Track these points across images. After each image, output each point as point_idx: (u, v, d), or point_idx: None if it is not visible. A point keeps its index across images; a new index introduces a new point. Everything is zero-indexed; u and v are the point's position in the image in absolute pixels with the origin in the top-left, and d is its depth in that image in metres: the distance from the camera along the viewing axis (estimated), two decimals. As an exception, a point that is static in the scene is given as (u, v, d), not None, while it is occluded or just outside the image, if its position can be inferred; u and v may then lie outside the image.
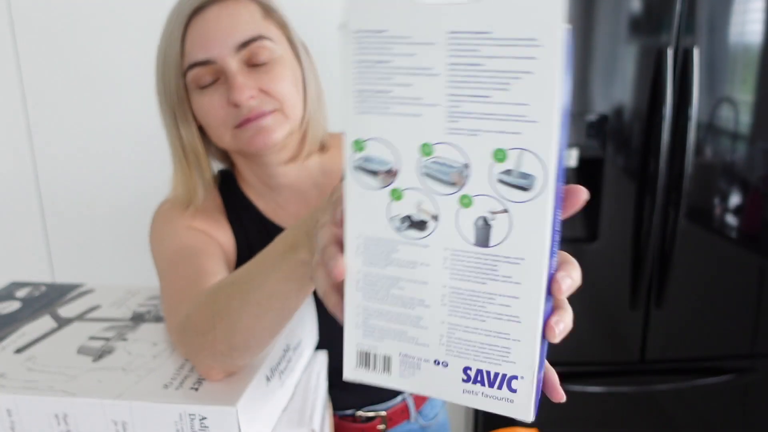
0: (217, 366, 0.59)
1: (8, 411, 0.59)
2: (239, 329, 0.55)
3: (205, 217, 0.80)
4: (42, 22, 1.46)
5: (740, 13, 1.49)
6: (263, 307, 0.53)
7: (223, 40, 0.69)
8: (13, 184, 1.56)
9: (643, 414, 1.75)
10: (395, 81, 0.36)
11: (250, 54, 0.71)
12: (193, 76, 0.71)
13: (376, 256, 0.40)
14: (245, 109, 0.70)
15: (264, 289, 0.52)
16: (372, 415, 0.89)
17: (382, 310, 0.41)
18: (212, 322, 0.57)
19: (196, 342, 0.59)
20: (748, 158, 1.59)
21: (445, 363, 0.40)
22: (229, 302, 0.56)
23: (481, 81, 0.34)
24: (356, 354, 0.43)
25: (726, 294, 1.68)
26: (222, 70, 0.70)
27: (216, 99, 0.71)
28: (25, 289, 0.87)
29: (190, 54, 0.70)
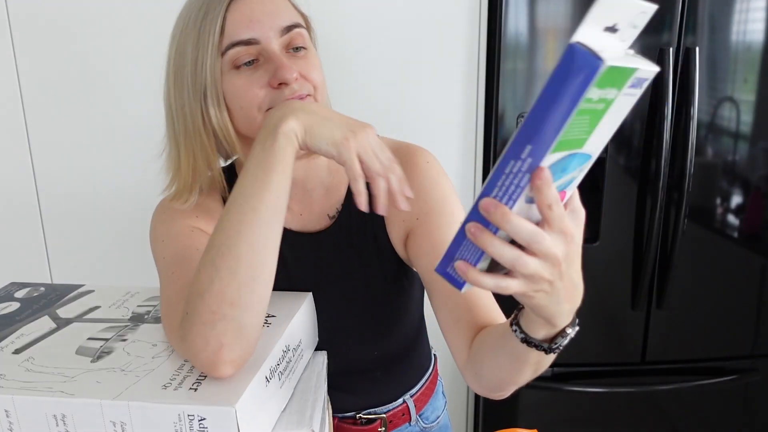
0: (226, 341, 0.59)
1: (6, 412, 0.58)
2: (242, 251, 0.59)
3: (207, 216, 0.79)
4: (39, 24, 1.46)
5: (742, 13, 1.49)
6: (258, 211, 0.60)
7: (268, 23, 0.70)
8: (12, 185, 1.55)
9: (643, 414, 1.75)
10: None
11: (290, 39, 0.72)
12: (233, 55, 0.70)
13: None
14: (288, 90, 0.70)
15: (256, 188, 0.60)
16: (372, 418, 0.89)
17: None
18: (215, 265, 0.60)
19: (198, 315, 0.60)
20: (749, 158, 1.59)
21: None
22: (227, 230, 0.60)
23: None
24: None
25: (727, 294, 1.67)
26: (265, 50, 0.70)
27: (254, 79, 0.70)
28: (24, 289, 0.87)
29: (231, 34, 0.69)
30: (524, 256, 0.45)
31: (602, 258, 1.63)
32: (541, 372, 0.63)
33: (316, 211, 0.83)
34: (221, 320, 0.59)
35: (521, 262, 0.45)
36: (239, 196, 0.61)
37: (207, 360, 0.60)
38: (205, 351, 0.60)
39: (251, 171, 0.61)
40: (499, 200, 0.43)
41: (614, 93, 0.41)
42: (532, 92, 1.53)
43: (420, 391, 0.92)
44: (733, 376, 1.71)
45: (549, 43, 1.50)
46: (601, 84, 0.39)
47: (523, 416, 1.73)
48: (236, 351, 0.60)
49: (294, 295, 0.79)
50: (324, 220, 0.83)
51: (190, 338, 0.60)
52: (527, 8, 1.47)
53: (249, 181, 0.61)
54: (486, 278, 0.46)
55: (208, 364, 0.60)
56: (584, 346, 1.69)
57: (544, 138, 0.40)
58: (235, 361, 0.61)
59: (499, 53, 1.49)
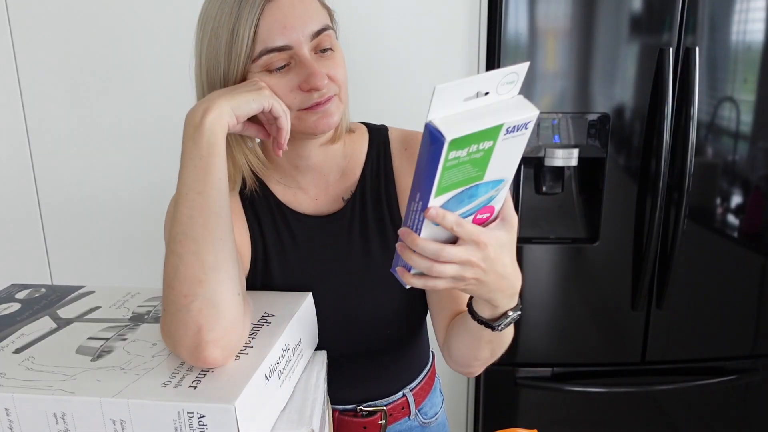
0: (203, 321, 0.62)
1: (6, 410, 0.59)
2: (198, 233, 0.64)
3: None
4: (39, 24, 1.46)
5: (741, 13, 1.49)
6: (205, 194, 0.65)
7: (299, 29, 0.72)
8: (12, 186, 1.56)
9: (643, 414, 1.75)
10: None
11: (319, 42, 0.74)
12: (267, 61, 0.72)
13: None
14: (317, 94, 0.73)
15: (198, 174, 0.65)
16: (373, 410, 0.90)
17: None
18: (176, 253, 0.64)
19: (172, 303, 0.63)
20: (749, 158, 1.59)
21: None
22: (180, 219, 0.65)
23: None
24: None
25: (727, 294, 1.67)
26: (296, 55, 0.73)
27: (285, 82, 0.73)
28: (25, 290, 0.87)
29: (266, 39, 0.72)
30: (437, 265, 0.58)
31: (602, 258, 1.63)
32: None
33: (331, 194, 0.86)
34: (193, 301, 0.62)
35: (436, 271, 0.58)
36: (183, 186, 0.66)
37: (190, 345, 0.62)
38: (186, 336, 0.62)
39: (189, 163, 0.67)
40: (411, 228, 0.58)
41: (490, 143, 0.52)
42: (531, 93, 1.53)
43: (419, 385, 0.95)
44: (733, 376, 1.71)
45: (549, 43, 1.50)
46: (460, 147, 0.50)
47: (523, 416, 1.73)
48: (216, 330, 0.62)
49: (294, 295, 0.79)
50: (338, 203, 0.86)
51: (172, 330, 0.63)
52: (527, 8, 1.47)
53: (189, 170, 0.66)
54: (416, 280, 0.61)
55: (192, 349, 0.62)
56: (584, 346, 1.69)
57: (424, 188, 0.53)
58: (218, 341, 0.62)
59: (499, 53, 1.49)
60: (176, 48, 1.48)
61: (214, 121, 0.67)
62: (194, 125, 0.67)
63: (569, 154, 1.52)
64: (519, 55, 1.50)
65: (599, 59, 1.51)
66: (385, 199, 0.86)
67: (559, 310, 1.66)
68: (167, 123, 1.52)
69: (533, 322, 1.67)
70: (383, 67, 1.52)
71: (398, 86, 1.54)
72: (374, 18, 1.50)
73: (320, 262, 0.84)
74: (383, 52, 1.51)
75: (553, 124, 1.54)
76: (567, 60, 1.51)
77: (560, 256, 1.63)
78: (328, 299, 0.83)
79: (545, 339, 1.68)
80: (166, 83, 1.51)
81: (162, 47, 1.49)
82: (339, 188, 0.86)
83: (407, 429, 0.94)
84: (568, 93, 1.53)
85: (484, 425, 1.75)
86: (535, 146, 1.53)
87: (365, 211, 0.86)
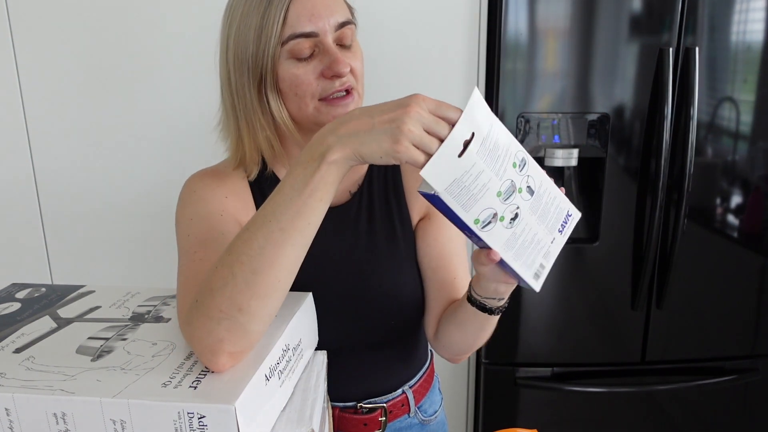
0: (228, 337, 0.61)
1: (7, 410, 0.59)
2: (261, 267, 0.60)
3: (235, 196, 0.84)
4: (39, 23, 1.46)
5: (741, 13, 1.49)
6: (287, 233, 0.60)
7: (327, 17, 0.76)
8: (12, 185, 1.56)
9: (643, 414, 1.75)
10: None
11: (342, 35, 0.78)
12: (294, 46, 0.75)
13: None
14: (338, 82, 0.77)
15: (290, 211, 0.60)
16: (373, 407, 0.91)
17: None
18: (231, 271, 0.61)
19: (206, 308, 0.62)
20: (749, 158, 1.59)
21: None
22: (251, 242, 0.61)
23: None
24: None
25: (727, 294, 1.67)
26: (321, 43, 0.76)
27: (309, 69, 0.76)
28: (26, 290, 0.87)
29: (294, 24, 0.75)
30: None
31: (602, 258, 1.63)
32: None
33: (340, 188, 0.86)
34: (227, 320, 0.61)
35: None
36: (270, 213, 0.61)
37: (207, 348, 0.62)
38: (207, 340, 0.62)
39: (287, 192, 0.60)
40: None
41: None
42: (532, 92, 1.53)
43: (418, 383, 0.96)
44: (733, 376, 1.71)
45: (549, 43, 1.50)
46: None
47: (523, 416, 1.73)
48: (236, 347, 0.62)
49: (294, 295, 0.79)
50: (345, 196, 0.89)
51: (196, 324, 0.63)
52: (527, 8, 1.47)
53: (283, 200, 0.60)
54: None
55: (208, 352, 0.62)
56: (584, 346, 1.69)
57: (460, 225, 0.63)
58: (234, 354, 0.62)
59: (499, 53, 1.49)
60: (178, 48, 1.48)
61: (336, 160, 0.59)
62: (312, 156, 0.60)
63: (569, 154, 1.52)
64: (519, 56, 1.50)
65: (599, 59, 1.51)
66: (393, 194, 0.89)
67: (559, 310, 1.66)
68: (168, 123, 1.53)
69: (533, 322, 1.67)
70: (383, 67, 1.52)
71: (398, 86, 1.54)
72: (374, 18, 1.50)
73: (326, 253, 0.85)
74: (383, 52, 1.51)
75: (553, 124, 1.54)
76: (567, 60, 1.51)
77: (560, 256, 1.62)
78: (333, 290, 0.84)
79: (545, 339, 1.68)
80: (166, 83, 1.51)
81: (163, 47, 1.49)
82: (347, 181, 0.89)
83: (407, 426, 0.95)
84: (568, 93, 1.53)
85: (484, 425, 1.75)
86: (535, 146, 1.53)
87: (372, 205, 0.88)
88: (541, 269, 0.68)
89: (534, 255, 0.67)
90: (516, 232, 0.64)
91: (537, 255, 0.67)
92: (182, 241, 0.79)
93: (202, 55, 1.02)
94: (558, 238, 0.69)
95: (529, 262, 0.67)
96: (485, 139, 0.60)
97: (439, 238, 0.89)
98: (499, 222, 0.63)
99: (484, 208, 0.61)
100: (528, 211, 0.65)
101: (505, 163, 0.62)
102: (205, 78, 1.01)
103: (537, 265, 0.67)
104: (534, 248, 0.67)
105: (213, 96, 0.87)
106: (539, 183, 0.65)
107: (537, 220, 0.66)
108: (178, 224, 0.81)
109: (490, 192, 0.61)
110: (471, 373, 1.78)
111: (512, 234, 0.64)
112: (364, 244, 0.87)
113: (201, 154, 0.98)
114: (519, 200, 0.64)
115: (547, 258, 0.68)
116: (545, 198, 0.66)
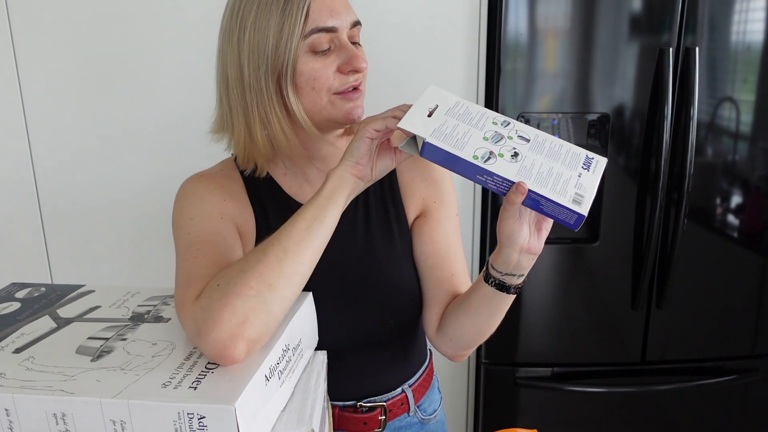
0: (252, 318, 0.63)
1: (6, 410, 0.58)
2: (291, 247, 0.68)
3: (232, 198, 0.85)
4: (39, 23, 1.46)
5: (741, 13, 1.49)
6: (316, 231, 0.69)
7: (344, 15, 0.79)
8: (12, 185, 1.56)
9: (643, 414, 1.75)
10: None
11: (353, 33, 0.81)
12: (315, 40, 0.77)
13: None
14: (353, 77, 0.79)
15: (312, 209, 0.70)
16: (373, 406, 0.91)
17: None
18: (264, 252, 0.68)
19: (234, 286, 0.65)
20: (749, 158, 1.59)
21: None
22: (282, 231, 0.69)
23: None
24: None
25: (727, 294, 1.67)
26: (338, 38, 0.79)
27: (327, 64, 0.79)
28: (25, 290, 0.87)
29: (316, 19, 0.77)
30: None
31: (602, 258, 1.63)
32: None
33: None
34: (255, 297, 0.64)
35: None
36: (298, 213, 0.71)
37: (227, 331, 0.62)
38: (230, 322, 0.63)
39: (310, 200, 0.72)
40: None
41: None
42: (532, 92, 1.53)
43: (418, 382, 0.96)
44: (733, 376, 1.71)
45: (549, 43, 1.50)
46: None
47: (523, 416, 1.73)
48: (256, 331, 0.64)
49: (294, 294, 0.79)
50: None
51: (218, 306, 0.64)
52: (527, 8, 1.47)
53: (306, 205, 0.72)
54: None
55: (226, 335, 0.62)
56: (584, 346, 1.69)
57: (464, 169, 0.66)
58: (251, 341, 0.63)
59: (499, 53, 1.49)
60: (178, 48, 1.48)
61: (336, 174, 0.72)
62: (327, 174, 0.73)
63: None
64: (519, 56, 1.50)
65: (599, 59, 1.51)
66: (390, 195, 0.90)
67: (559, 310, 1.66)
68: (168, 123, 1.53)
69: (533, 322, 1.67)
70: (383, 67, 1.52)
71: (398, 86, 1.54)
72: (374, 18, 1.50)
73: (325, 253, 0.85)
74: (383, 52, 1.51)
75: (553, 124, 1.54)
76: (567, 60, 1.51)
77: (560, 256, 1.63)
78: (332, 290, 0.85)
79: (545, 339, 1.68)
80: (166, 83, 1.50)
81: (163, 47, 1.49)
82: None
83: (407, 425, 0.95)
84: (568, 93, 1.53)
85: (484, 425, 1.75)
86: (535, 146, 1.53)
87: (369, 206, 0.89)
88: (580, 197, 0.66)
89: (562, 185, 0.66)
90: (525, 165, 0.66)
91: (566, 185, 0.66)
92: (182, 239, 0.79)
93: (201, 55, 1.02)
94: (586, 175, 0.68)
95: (559, 189, 0.66)
96: (451, 108, 0.68)
97: (436, 236, 0.90)
98: (500, 158, 0.65)
99: (477, 147, 0.66)
100: (530, 151, 0.67)
101: (482, 122, 0.68)
102: (205, 78, 1.01)
103: (572, 193, 0.66)
104: (557, 179, 0.66)
105: (213, 97, 0.87)
106: (534, 134, 0.69)
107: (546, 158, 0.67)
108: (177, 223, 0.82)
109: (474, 138, 0.66)
110: (471, 372, 1.78)
111: (521, 166, 0.65)
112: (362, 244, 0.88)
113: (200, 154, 0.98)
114: (513, 144, 0.67)
115: (581, 189, 0.67)
116: (548, 144, 0.69)
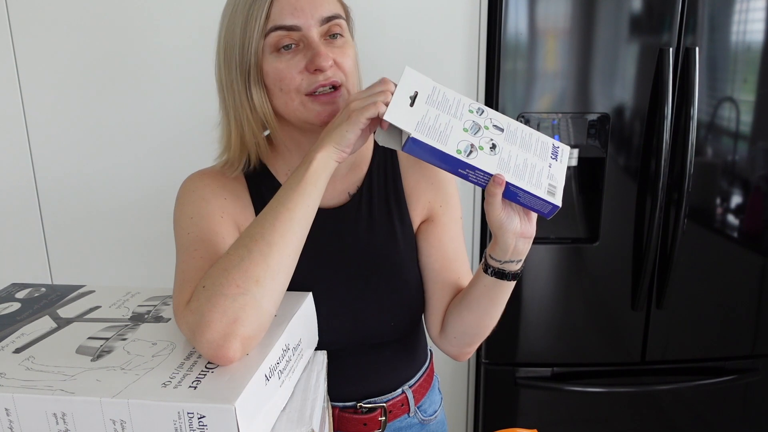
0: (244, 316, 0.63)
1: (7, 410, 0.59)
2: (274, 240, 0.67)
3: (234, 197, 0.85)
4: (39, 23, 1.46)
5: (741, 13, 1.49)
6: (292, 212, 0.68)
7: (309, 12, 0.76)
8: (12, 185, 1.56)
9: (643, 414, 1.75)
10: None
11: (328, 29, 0.78)
12: (274, 39, 0.76)
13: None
14: (322, 76, 0.76)
15: (294, 195, 0.69)
16: (373, 407, 0.91)
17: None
18: (247, 248, 0.67)
19: (221, 287, 0.64)
20: (749, 158, 1.59)
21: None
22: (263, 222, 0.68)
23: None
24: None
25: (727, 294, 1.67)
26: (305, 37, 0.77)
27: (293, 64, 0.77)
28: (26, 290, 0.87)
29: (276, 18, 0.76)
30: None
31: (602, 258, 1.63)
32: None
33: (338, 188, 0.88)
34: (243, 295, 0.64)
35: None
36: (276, 200, 0.70)
37: (220, 331, 0.62)
38: (221, 322, 0.63)
39: (289, 184, 0.71)
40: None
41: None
42: (531, 92, 1.53)
43: (418, 382, 0.96)
44: (733, 376, 1.71)
45: (549, 43, 1.50)
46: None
47: (523, 416, 1.73)
48: (249, 328, 0.64)
49: (294, 294, 0.79)
50: (343, 197, 0.89)
51: (207, 308, 0.64)
52: (527, 8, 1.47)
53: (288, 188, 0.70)
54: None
55: (219, 336, 0.62)
56: (584, 346, 1.69)
57: (447, 162, 0.70)
58: (246, 339, 0.63)
59: (499, 53, 1.49)
60: (178, 47, 1.48)
61: (321, 158, 0.71)
62: (308, 156, 0.72)
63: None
64: (519, 56, 1.50)
65: (599, 59, 1.51)
66: (393, 195, 0.89)
67: (559, 310, 1.66)
68: (168, 123, 1.53)
69: (533, 322, 1.67)
70: (383, 67, 1.51)
71: (398, 86, 1.54)
72: (374, 18, 1.50)
73: (326, 253, 0.86)
74: (383, 52, 1.51)
75: (553, 124, 1.54)
76: (567, 60, 1.51)
77: (560, 256, 1.63)
78: (333, 290, 0.84)
79: (545, 339, 1.68)
80: (167, 84, 1.51)
81: (163, 47, 1.49)
82: (346, 182, 0.89)
83: (407, 426, 0.95)
84: (568, 93, 1.53)
85: (484, 425, 1.76)
86: (535, 146, 1.53)
87: (371, 206, 0.88)
88: (553, 188, 0.71)
89: (537, 177, 0.71)
90: (503, 157, 0.70)
91: (540, 177, 0.71)
92: (182, 239, 0.79)
93: (202, 56, 1.02)
94: (555, 165, 0.73)
95: (534, 181, 0.70)
96: (430, 95, 0.71)
97: (444, 240, 0.90)
98: (480, 151, 0.70)
99: (459, 140, 0.70)
100: (505, 142, 0.72)
101: (460, 110, 0.72)
102: (206, 79, 1.01)
103: (546, 185, 0.71)
104: (532, 171, 0.71)
105: (213, 97, 0.87)
106: (506, 123, 0.73)
107: (520, 149, 0.72)
108: (177, 222, 0.82)
109: (455, 129, 0.70)
110: (471, 373, 1.78)
111: (500, 159, 0.70)
112: (364, 245, 0.88)
113: (201, 155, 0.98)
114: (490, 134, 0.72)
115: (552, 179, 0.72)
116: (519, 133, 0.73)
